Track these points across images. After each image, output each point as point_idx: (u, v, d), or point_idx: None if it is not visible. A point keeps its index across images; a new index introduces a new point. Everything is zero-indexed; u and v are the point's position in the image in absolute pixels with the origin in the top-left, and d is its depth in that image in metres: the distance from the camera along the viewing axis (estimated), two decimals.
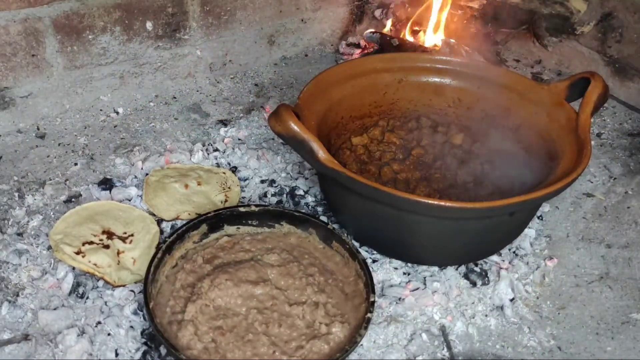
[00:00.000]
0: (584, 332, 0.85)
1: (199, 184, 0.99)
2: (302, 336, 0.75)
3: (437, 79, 1.04)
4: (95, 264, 0.84)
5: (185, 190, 0.98)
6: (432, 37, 1.38)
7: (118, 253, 0.86)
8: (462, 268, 0.90)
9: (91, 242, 0.87)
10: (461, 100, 1.03)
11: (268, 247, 0.86)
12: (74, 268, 0.85)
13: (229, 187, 1.00)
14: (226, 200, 0.98)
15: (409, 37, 1.39)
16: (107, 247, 0.87)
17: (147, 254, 0.86)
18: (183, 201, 0.97)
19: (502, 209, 0.80)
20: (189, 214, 0.95)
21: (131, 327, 0.80)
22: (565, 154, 0.87)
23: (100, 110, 1.20)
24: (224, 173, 1.03)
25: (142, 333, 0.79)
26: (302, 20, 1.42)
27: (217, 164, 1.08)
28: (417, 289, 0.87)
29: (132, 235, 0.89)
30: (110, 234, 0.89)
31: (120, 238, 0.88)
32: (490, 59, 1.36)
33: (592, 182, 1.10)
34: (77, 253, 0.85)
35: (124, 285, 0.84)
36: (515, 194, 0.83)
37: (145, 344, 0.78)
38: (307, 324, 0.77)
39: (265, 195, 1.02)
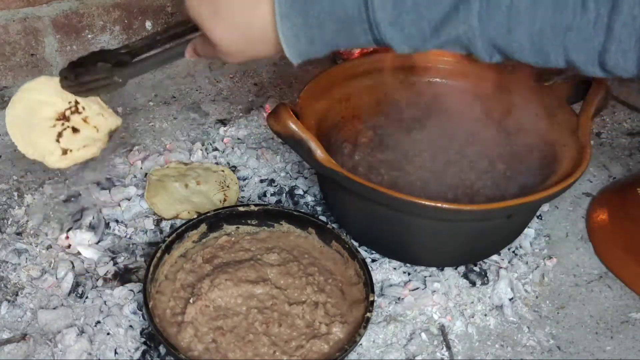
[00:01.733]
0: (583, 331, 0.85)
1: (198, 183, 0.99)
2: (302, 336, 0.75)
3: (438, 79, 1.04)
4: None
5: (185, 190, 0.98)
6: None
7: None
8: (462, 268, 0.90)
9: None
10: (462, 100, 1.03)
11: (268, 247, 0.86)
12: (73, 267, 0.85)
13: (228, 186, 1.00)
14: (225, 200, 0.98)
15: None
16: None
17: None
18: (183, 201, 0.97)
19: (500, 211, 0.80)
20: (189, 212, 0.95)
21: (130, 326, 0.80)
22: (565, 156, 0.87)
23: None
24: (223, 171, 1.03)
25: (141, 332, 0.79)
26: None
27: (216, 163, 1.08)
28: (417, 288, 0.87)
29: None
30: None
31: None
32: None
33: (591, 182, 1.10)
34: None
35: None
36: (514, 196, 0.83)
37: (144, 343, 0.78)
38: (307, 323, 0.77)
39: (264, 194, 1.02)
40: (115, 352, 0.77)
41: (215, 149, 1.10)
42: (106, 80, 0.80)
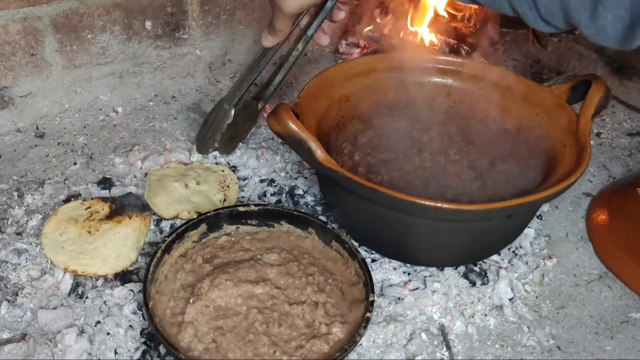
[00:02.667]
0: (583, 331, 0.85)
1: (197, 183, 0.99)
2: (302, 336, 0.75)
3: (438, 79, 1.04)
4: None
5: (185, 190, 0.98)
6: (431, 37, 1.38)
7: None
8: (462, 268, 0.90)
9: None
10: (462, 100, 1.03)
11: (268, 247, 0.86)
12: None
13: (228, 186, 1.00)
14: (225, 200, 0.98)
15: (409, 37, 1.39)
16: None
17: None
18: (183, 201, 0.97)
19: (500, 211, 0.80)
20: (189, 212, 0.95)
21: (130, 326, 0.80)
22: (565, 156, 0.88)
23: (100, 109, 1.21)
24: (223, 171, 1.03)
25: (141, 332, 0.79)
26: None
27: (216, 163, 1.07)
28: (417, 288, 0.87)
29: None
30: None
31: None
32: (490, 59, 1.36)
33: (591, 182, 1.10)
34: None
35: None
36: (514, 196, 0.83)
37: (144, 343, 0.78)
38: (307, 323, 0.77)
39: (264, 194, 1.02)
40: (115, 352, 0.77)
41: (216, 149, 1.10)
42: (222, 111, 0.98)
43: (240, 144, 1.01)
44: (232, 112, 0.98)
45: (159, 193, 0.96)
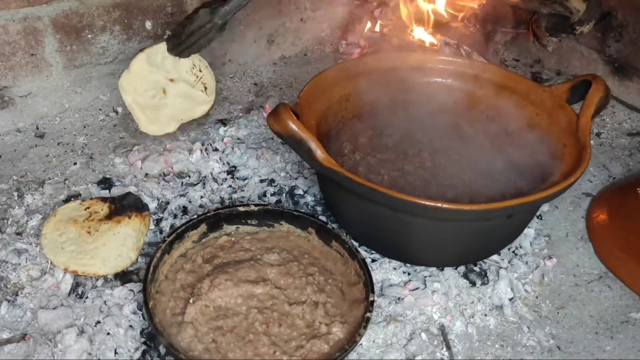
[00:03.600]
0: (583, 331, 0.85)
1: (171, 80, 0.93)
2: (302, 336, 0.75)
3: (438, 79, 1.04)
4: None
5: (165, 99, 0.92)
6: (430, 37, 1.38)
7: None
8: (462, 268, 0.90)
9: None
10: (462, 100, 1.03)
11: (268, 247, 0.86)
12: None
13: (200, 70, 0.95)
14: (205, 88, 0.93)
15: (409, 37, 1.39)
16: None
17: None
18: (170, 111, 0.92)
19: (500, 211, 0.80)
20: (182, 120, 0.94)
21: (130, 326, 0.80)
22: (565, 156, 0.88)
23: (100, 109, 1.20)
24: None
25: (141, 332, 0.79)
26: (302, 20, 1.42)
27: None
28: (417, 288, 0.87)
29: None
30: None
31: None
32: (490, 59, 1.36)
33: (591, 182, 1.10)
34: None
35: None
36: (514, 196, 0.83)
37: (144, 343, 0.78)
38: (307, 323, 0.77)
39: (264, 194, 1.02)
40: (115, 352, 0.77)
41: (215, 149, 1.10)
42: (209, 24, 0.91)
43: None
44: (222, 32, 0.93)
45: (152, 122, 0.93)
